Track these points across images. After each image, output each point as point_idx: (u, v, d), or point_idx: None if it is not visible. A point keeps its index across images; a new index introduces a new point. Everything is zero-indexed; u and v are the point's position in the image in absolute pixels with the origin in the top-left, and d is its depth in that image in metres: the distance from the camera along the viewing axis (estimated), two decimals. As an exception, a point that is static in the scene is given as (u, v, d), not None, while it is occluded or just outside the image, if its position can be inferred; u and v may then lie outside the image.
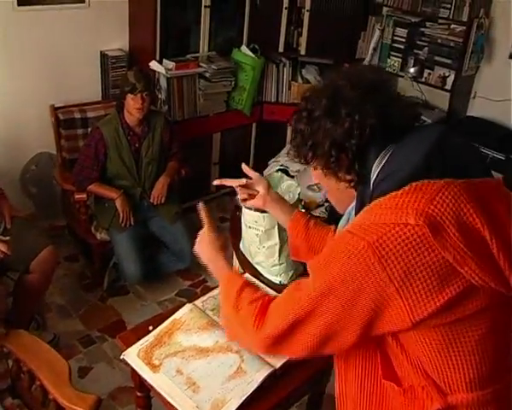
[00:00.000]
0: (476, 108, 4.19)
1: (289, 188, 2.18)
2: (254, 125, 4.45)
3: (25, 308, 2.79)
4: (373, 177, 1.21)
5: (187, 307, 1.93)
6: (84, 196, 3.16)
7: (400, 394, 1.22)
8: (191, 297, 3.29)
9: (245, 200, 1.85)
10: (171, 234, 3.32)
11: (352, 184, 1.28)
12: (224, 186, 1.93)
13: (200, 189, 4.23)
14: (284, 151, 4.46)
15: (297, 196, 2.12)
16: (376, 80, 1.26)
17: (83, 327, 3.09)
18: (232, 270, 1.70)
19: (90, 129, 3.48)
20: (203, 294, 3.32)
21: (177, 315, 1.90)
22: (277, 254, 2.06)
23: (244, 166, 1.89)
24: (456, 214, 1.07)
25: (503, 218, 1.12)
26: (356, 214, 1.27)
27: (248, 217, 2.04)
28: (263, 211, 2.06)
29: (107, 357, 2.91)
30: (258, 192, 1.82)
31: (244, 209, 2.06)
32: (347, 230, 1.15)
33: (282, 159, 4.36)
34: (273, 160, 4.41)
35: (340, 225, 1.86)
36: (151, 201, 3.25)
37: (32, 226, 2.87)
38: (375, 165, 1.21)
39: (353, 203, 1.34)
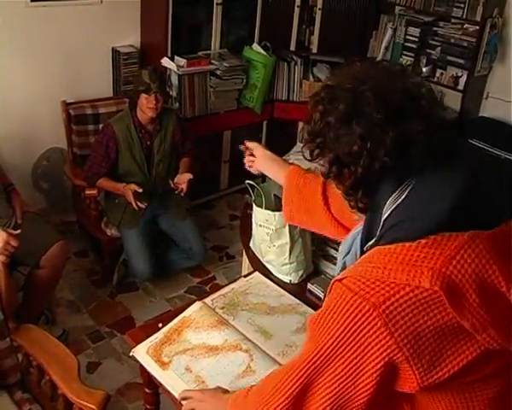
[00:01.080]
0: (489, 109, 4.16)
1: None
2: (265, 123, 4.44)
3: (35, 303, 2.80)
4: (385, 214, 1.05)
5: (196, 305, 1.92)
6: (95, 191, 3.17)
7: None
8: (200, 294, 3.34)
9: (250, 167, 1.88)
10: (181, 231, 3.32)
11: (352, 205, 1.13)
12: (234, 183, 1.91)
13: (210, 186, 4.23)
14: (295, 149, 4.45)
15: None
16: (408, 104, 1.03)
17: (92, 323, 3.09)
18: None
19: (101, 125, 3.48)
20: (212, 291, 3.36)
21: (186, 313, 1.90)
22: (288, 253, 2.05)
23: (245, 142, 1.89)
24: (478, 277, 0.94)
25: None
26: (362, 244, 1.15)
27: (259, 215, 2.04)
28: (274, 209, 2.06)
29: (115, 353, 2.92)
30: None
31: (255, 207, 2.05)
32: (347, 286, 1.00)
33: (293, 157, 4.33)
34: (283, 158, 4.40)
35: (341, 249, 1.46)
36: (173, 185, 3.18)
37: (43, 221, 2.88)
38: (389, 201, 1.05)
39: (360, 226, 1.21)
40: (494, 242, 0.97)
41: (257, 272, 2.15)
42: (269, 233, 2.04)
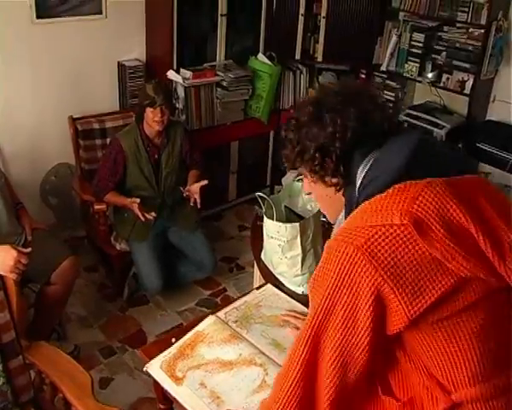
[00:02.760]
0: (496, 112, 4.14)
1: (311, 199, 2.15)
2: (272, 132, 4.43)
3: (46, 320, 2.79)
4: (358, 182, 1.23)
5: (210, 319, 1.91)
6: (104, 206, 3.16)
7: (400, 408, 1.22)
8: (211, 307, 3.33)
9: None
10: (191, 244, 3.31)
11: (339, 188, 1.30)
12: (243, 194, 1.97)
13: (219, 197, 4.23)
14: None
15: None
16: (359, 88, 1.35)
17: (103, 338, 3.08)
18: None
19: (108, 139, 3.49)
20: (223, 303, 3.36)
21: (199, 327, 1.89)
22: (300, 265, 2.04)
23: None
24: (440, 211, 1.09)
25: (488, 212, 1.14)
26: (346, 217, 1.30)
27: (270, 227, 2.03)
28: (285, 221, 2.05)
29: (128, 368, 2.90)
30: None
31: (266, 219, 2.04)
32: (334, 238, 1.15)
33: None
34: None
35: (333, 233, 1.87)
36: (185, 191, 3.17)
37: (53, 237, 2.88)
38: (359, 170, 1.24)
39: (343, 213, 1.34)
40: (449, 185, 1.13)
41: (269, 284, 2.14)
42: (280, 245, 2.03)
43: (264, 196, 2.05)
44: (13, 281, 2.06)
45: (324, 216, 2.47)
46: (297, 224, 1.97)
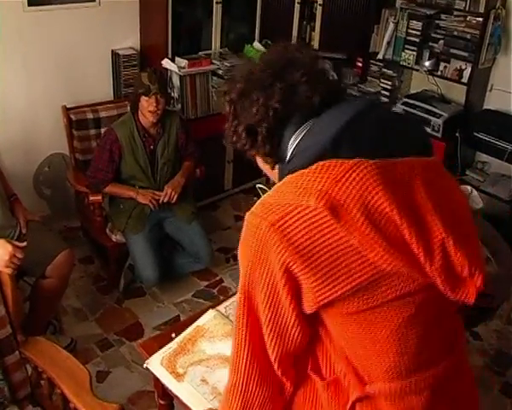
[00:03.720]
0: (493, 101, 4.10)
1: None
2: (267, 121, 4.37)
3: (42, 314, 2.75)
4: (288, 156, 1.18)
5: (210, 314, 1.88)
6: (99, 197, 3.12)
7: (324, 389, 1.18)
8: (209, 298, 3.31)
9: None
10: (188, 235, 3.27)
11: (272, 166, 1.26)
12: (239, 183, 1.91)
13: (215, 187, 4.19)
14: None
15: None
16: (291, 58, 1.22)
17: (100, 330, 3.05)
18: None
19: (102, 129, 3.44)
20: (220, 294, 3.36)
21: (200, 322, 1.86)
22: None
23: None
24: (362, 197, 1.00)
25: (423, 202, 1.05)
26: None
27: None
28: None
29: (125, 361, 2.88)
30: None
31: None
32: (252, 210, 1.11)
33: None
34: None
35: None
36: (162, 198, 3.16)
37: (48, 230, 2.84)
38: (289, 145, 1.18)
39: None
40: (380, 168, 1.03)
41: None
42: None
43: (265, 187, 2.01)
44: (8, 276, 2.02)
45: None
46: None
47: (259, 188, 2.04)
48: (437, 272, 1.03)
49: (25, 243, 2.07)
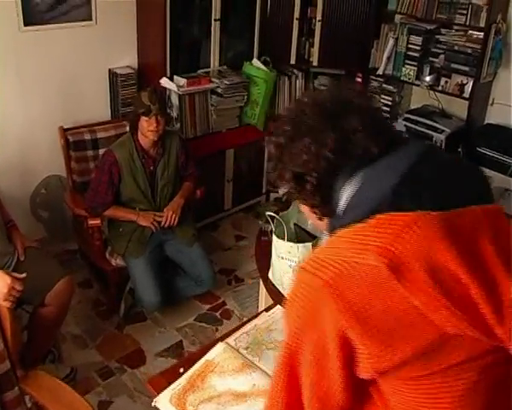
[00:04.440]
0: (495, 115, 4.07)
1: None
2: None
3: (41, 343, 2.67)
4: (340, 208, 1.10)
5: (219, 347, 1.80)
6: (99, 221, 3.03)
7: None
8: (211, 322, 3.23)
9: None
10: (189, 258, 3.19)
11: (319, 217, 1.18)
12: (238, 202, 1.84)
13: (215, 207, 4.12)
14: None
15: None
16: (345, 101, 1.15)
17: (100, 358, 2.96)
18: None
19: (100, 150, 3.38)
20: (223, 317, 3.28)
21: (209, 356, 1.78)
22: (311, 285, 1.93)
23: None
24: (425, 254, 0.93)
25: (490, 257, 0.96)
26: None
27: (281, 247, 1.92)
28: (296, 240, 1.95)
29: (127, 389, 2.79)
30: None
31: (276, 239, 1.94)
32: (302, 266, 1.03)
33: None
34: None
35: None
36: (163, 221, 3.10)
37: (46, 256, 2.75)
38: (343, 195, 1.09)
39: None
40: (444, 221, 0.96)
41: (278, 306, 2.03)
42: (291, 265, 1.93)
43: (275, 215, 1.94)
44: (7, 309, 1.94)
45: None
46: (309, 243, 1.87)
47: (269, 215, 1.99)
48: (508, 334, 0.93)
49: (24, 275, 1.99)
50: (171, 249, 3.24)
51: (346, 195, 1.08)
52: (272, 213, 1.94)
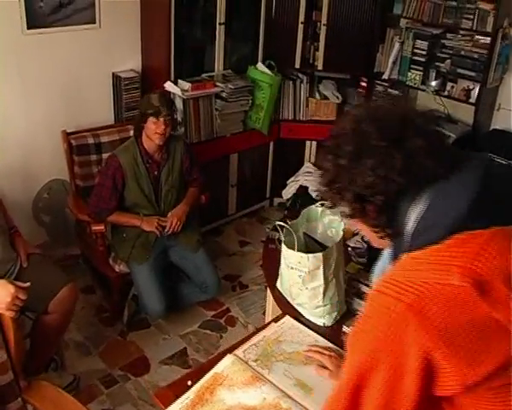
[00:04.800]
0: (500, 121, 4.04)
1: (332, 223, 2.01)
2: (272, 143, 4.31)
3: (43, 351, 2.63)
4: (408, 228, 1.09)
5: (228, 359, 1.76)
6: (102, 227, 2.99)
7: None
8: (216, 329, 3.18)
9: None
10: (194, 264, 3.15)
11: (381, 236, 1.17)
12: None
13: (218, 212, 4.09)
14: (303, 170, 4.32)
15: (341, 233, 1.95)
16: (405, 119, 1.13)
17: (104, 365, 2.91)
18: None
19: (103, 155, 3.35)
20: (228, 324, 3.24)
21: (217, 368, 1.73)
22: (322, 296, 1.90)
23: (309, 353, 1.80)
24: (503, 268, 0.96)
25: None
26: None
27: (291, 257, 1.88)
28: (305, 250, 1.91)
29: (131, 398, 2.74)
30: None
31: (286, 249, 1.89)
32: (379, 289, 1.03)
33: (302, 178, 4.23)
34: (292, 179, 4.28)
35: (374, 273, 1.86)
36: (167, 228, 3.06)
37: (49, 263, 2.71)
38: (408, 217, 1.09)
39: (389, 250, 1.22)
40: None
41: (287, 316, 1.99)
42: (301, 276, 1.88)
43: (284, 224, 1.90)
44: (10, 319, 1.90)
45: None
46: (320, 254, 1.83)
47: (279, 225, 1.95)
48: None
49: (28, 284, 1.94)
50: (175, 255, 3.19)
51: (414, 215, 1.07)
52: (282, 223, 1.89)
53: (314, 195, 4.04)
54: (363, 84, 4.33)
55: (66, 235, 3.68)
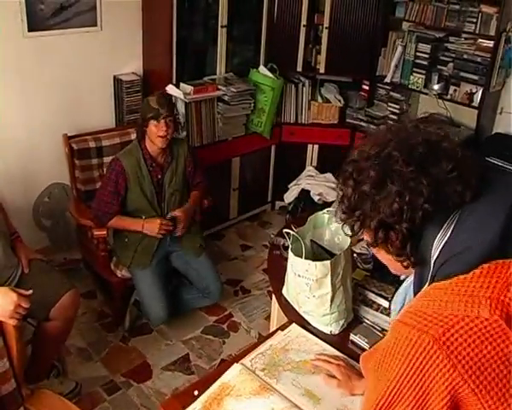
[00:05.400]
0: (503, 124, 4.01)
1: (339, 230, 1.97)
2: (273, 147, 4.28)
3: (45, 358, 2.60)
4: (434, 256, 1.06)
5: (235, 369, 1.72)
6: (104, 232, 2.95)
7: None
8: (218, 334, 3.15)
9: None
10: (196, 269, 3.12)
11: (405, 264, 1.13)
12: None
13: (220, 216, 4.06)
14: (305, 173, 4.29)
15: (349, 240, 1.92)
16: (432, 150, 1.08)
17: (106, 372, 2.88)
18: None
19: (105, 158, 3.32)
20: (230, 330, 3.21)
21: (224, 378, 1.70)
22: (329, 304, 1.87)
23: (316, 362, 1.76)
24: None
25: None
26: (415, 293, 1.14)
27: (298, 265, 1.85)
28: (313, 258, 1.87)
29: (133, 405, 2.71)
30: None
31: (293, 257, 1.86)
32: (404, 321, 0.99)
33: (303, 181, 4.20)
34: (294, 183, 4.25)
35: (395, 300, 1.82)
36: (177, 234, 3.03)
37: (51, 269, 2.67)
38: (435, 242, 1.06)
39: (411, 277, 1.20)
40: None
41: (294, 324, 1.96)
42: (308, 283, 1.85)
43: (292, 231, 1.87)
44: (13, 327, 1.86)
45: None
46: (328, 262, 1.80)
47: (286, 233, 1.92)
48: None
49: (30, 292, 1.91)
50: (177, 260, 3.16)
51: (441, 244, 1.04)
52: (289, 231, 1.86)
53: (316, 199, 4.03)
54: (366, 87, 4.32)
55: (67, 239, 3.64)
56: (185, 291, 3.20)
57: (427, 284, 1.08)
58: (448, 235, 1.04)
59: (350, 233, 1.18)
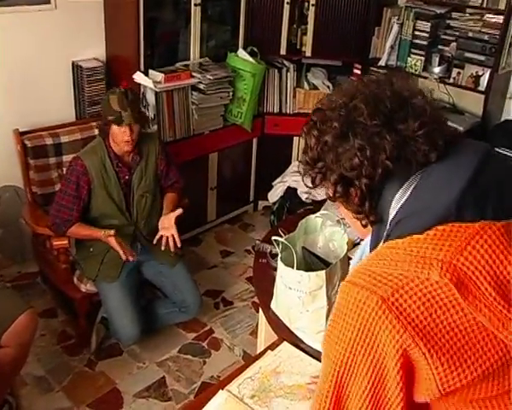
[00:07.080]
0: (513, 111, 4.05)
1: (333, 235, 1.98)
2: (255, 140, 4.29)
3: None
4: (391, 214, 1.12)
5: (220, 397, 1.71)
6: (65, 241, 2.91)
7: None
8: (198, 353, 3.14)
9: None
10: (171, 281, 3.11)
11: (364, 223, 1.20)
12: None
13: (197, 218, 4.05)
14: (290, 169, 4.29)
15: (345, 247, 1.91)
16: (401, 106, 1.13)
17: (69, 403, 2.83)
18: None
19: (64, 157, 3.29)
20: (211, 347, 3.20)
21: (209, 408, 1.68)
22: (324, 319, 1.87)
23: None
24: (492, 269, 0.96)
25: None
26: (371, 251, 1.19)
27: (289, 276, 1.84)
28: (306, 268, 1.86)
29: (103, 440, 2.68)
30: None
31: (283, 267, 1.85)
32: (352, 281, 1.03)
33: (289, 178, 4.20)
34: (278, 180, 4.25)
35: (352, 264, 1.88)
36: (176, 244, 3.01)
37: (3, 286, 2.63)
38: (392, 204, 1.12)
39: (369, 237, 1.25)
40: (508, 233, 0.99)
41: (285, 343, 1.95)
42: (301, 297, 1.85)
43: (281, 239, 1.86)
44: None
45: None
46: (322, 272, 1.80)
47: (275, 240, 1.90)
48: None
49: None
50: (149, 271, 3.15)
51: (399, 203, 1.10)
52: (279, 238, 1.85)
53: (304, 197, 4.03)
54: (357, 71, 4.34)
55: (21, 250, 3.62)
56: (159, 306, 3.19)
57: (382, 242, 1.13)
58: (407, 194, 1.09)
59: (310, 185, 1.23)
